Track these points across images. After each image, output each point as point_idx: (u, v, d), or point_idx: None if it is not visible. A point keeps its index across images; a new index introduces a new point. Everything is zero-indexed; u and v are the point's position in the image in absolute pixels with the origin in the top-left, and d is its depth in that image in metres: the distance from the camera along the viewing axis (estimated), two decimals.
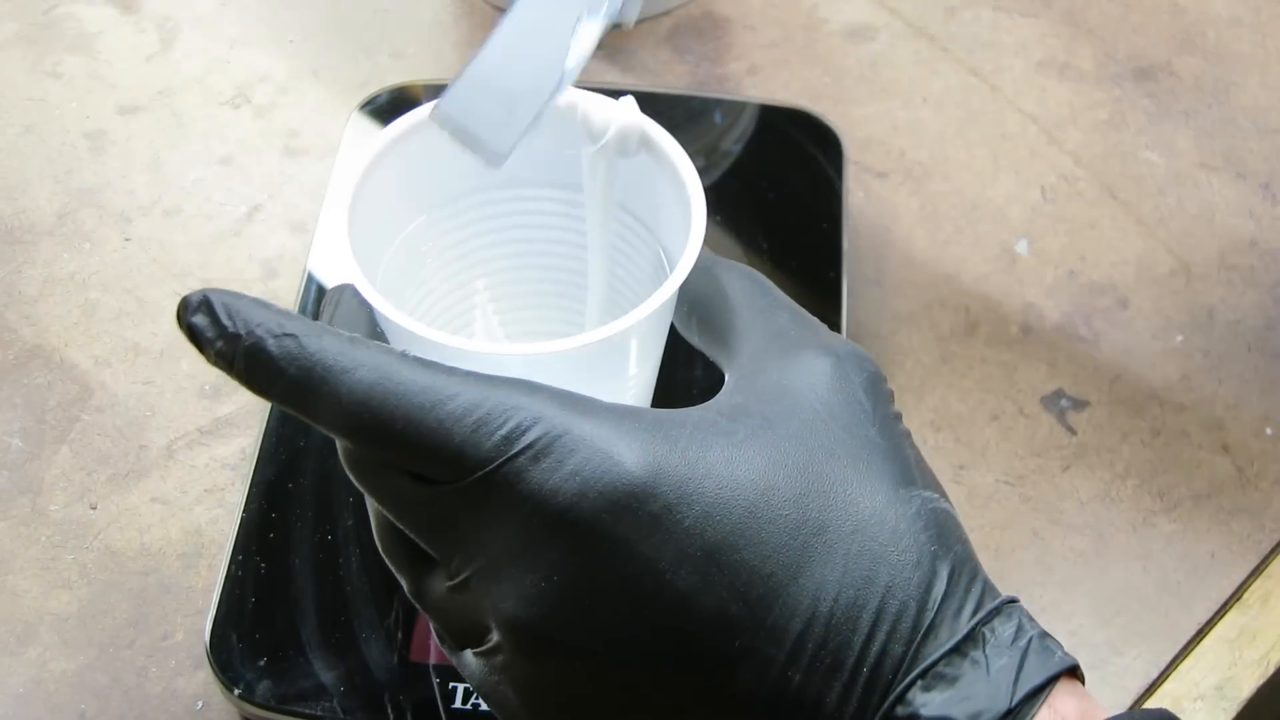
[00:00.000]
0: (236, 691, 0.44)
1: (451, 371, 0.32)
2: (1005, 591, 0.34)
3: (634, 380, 0.40)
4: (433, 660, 0.45)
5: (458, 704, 0.44)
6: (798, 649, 0.31)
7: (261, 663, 0.45)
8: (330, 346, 0.32)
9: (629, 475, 0.31)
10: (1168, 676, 0.48)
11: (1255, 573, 0.51)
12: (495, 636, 0.33)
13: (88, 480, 0.51)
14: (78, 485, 0.50)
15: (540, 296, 0.45)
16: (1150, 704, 0.47)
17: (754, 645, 0.31)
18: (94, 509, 0.50)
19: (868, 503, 0.33)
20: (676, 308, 0.40)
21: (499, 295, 0.45)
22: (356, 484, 0.35)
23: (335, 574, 0.47)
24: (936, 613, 0.32)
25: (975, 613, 0.32)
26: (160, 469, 0.51)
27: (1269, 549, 0.51)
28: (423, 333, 0.35)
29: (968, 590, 0.33)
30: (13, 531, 0.49)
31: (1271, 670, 0.48)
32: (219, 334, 0.33)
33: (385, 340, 0.37)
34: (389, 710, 0.44)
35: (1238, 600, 0.50)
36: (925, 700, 0.31)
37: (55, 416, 0.52)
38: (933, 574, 0.32)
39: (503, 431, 0.31)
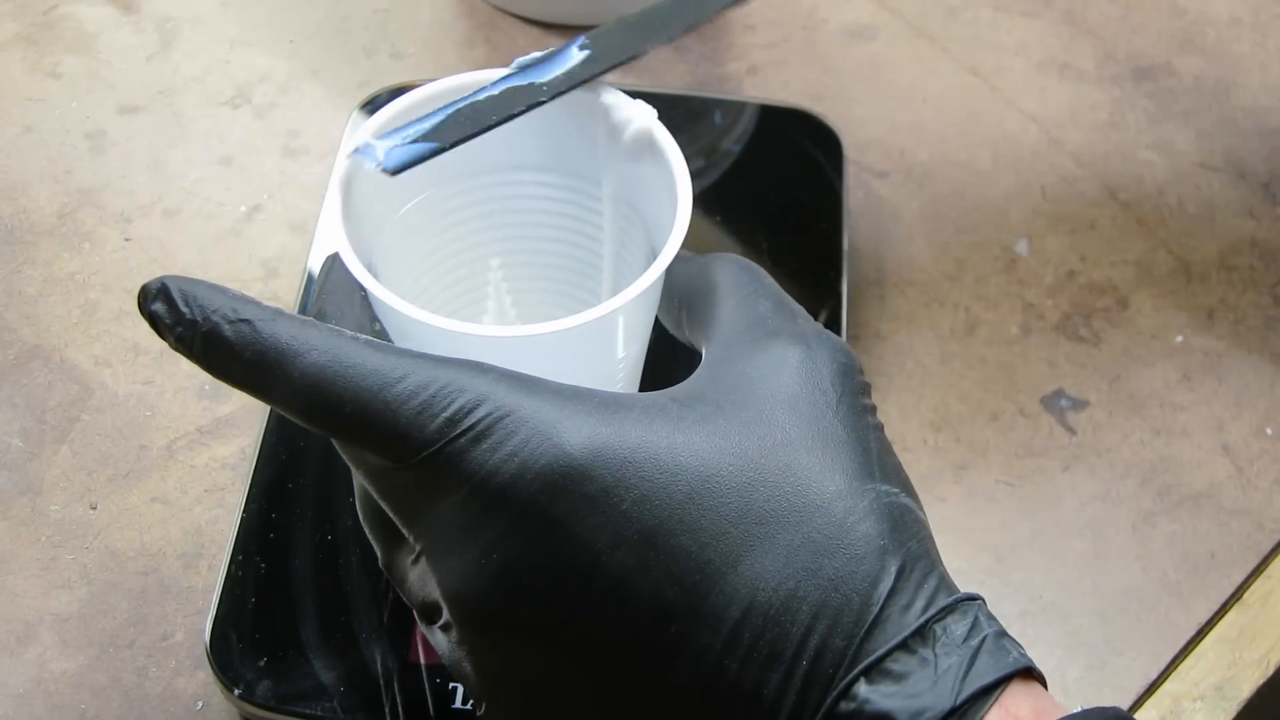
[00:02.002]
0: (236, 691, 0.44)
1: (402, 353, 0.33)
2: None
3: (623, 362, 0.40)
4: (432, 660, 0.45)
5: (457, 704, 0.44)
6: (734, 638, 0.31)
7: (261, 663, 0.45)
8: (283, 330, 0.33)
9: (567, 457, 0.31)
10: (1168, 676, 0.48)
11: (1255, 573, 0.51)
12: (445, 613, 0.34)
13: (88, 480, 0.51)
14: (78, 485, 0.50)
15: (551, 282, 0.45)
16: (1150, 704, 0.47)
17: (689, 631, 0.31)
18: (94, 509, 0.50)
19: (818, 494, 0.32)
20: (666, 302, 0.40)
21: (512, 275, 0.45)
22: (340, 452, 0.35)
23: (335, 574, 0.47)
24: (882, 608, 0.31)
25: (926, 609, 0.32)
26: (160, 469, 0.51)
27: (1269, 549, 0.51)
28: (401, 307, 0.35)
29: (919, 586, 0.32)
30: (13, 531, 0.49)
31: (1271, 670, 0.48)
32: (177, 320, 0.33)
33: (373, 312, 0.38)
34: (389, 710, 0.44)
35: (1238, 600, 0.50)
36: (868, 695, 0.31)
37: (55, 416, 0.52)
38: (880, 568, 0.32)
39: (447, 413, 0.32)
